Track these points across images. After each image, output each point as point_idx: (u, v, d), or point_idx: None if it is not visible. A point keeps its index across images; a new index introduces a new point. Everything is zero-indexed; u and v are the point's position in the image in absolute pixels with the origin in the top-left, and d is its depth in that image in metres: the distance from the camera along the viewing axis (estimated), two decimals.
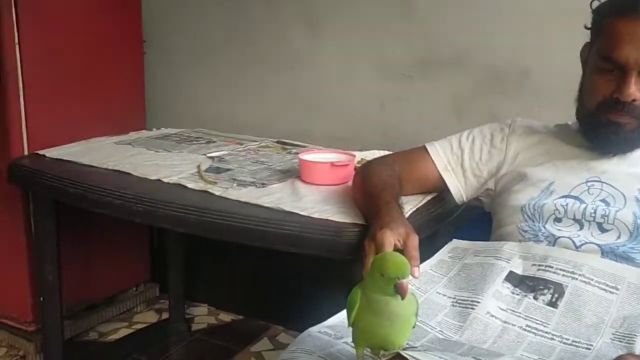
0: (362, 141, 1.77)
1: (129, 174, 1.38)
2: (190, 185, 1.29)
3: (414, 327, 0.73)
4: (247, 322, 2.02)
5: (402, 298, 0.68)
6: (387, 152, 1.44)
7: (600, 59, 0.97)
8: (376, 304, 0.68)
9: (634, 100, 0.94)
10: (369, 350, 0.73)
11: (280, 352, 1.62)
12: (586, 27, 1.03)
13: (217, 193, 1.25)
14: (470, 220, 1.27)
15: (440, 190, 1.22)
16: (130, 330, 1.96)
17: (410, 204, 1.18)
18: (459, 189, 1.18)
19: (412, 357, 0.67)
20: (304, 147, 1.69)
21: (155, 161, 1.48)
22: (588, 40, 1.05)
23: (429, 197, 1.23)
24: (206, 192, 1.26)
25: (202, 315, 2.07)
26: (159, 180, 1.33)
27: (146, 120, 2.03)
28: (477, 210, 1.24)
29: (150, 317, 2.05)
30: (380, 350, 0.72)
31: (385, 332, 0.70)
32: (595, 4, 1.02)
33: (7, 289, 1.75)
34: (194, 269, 2.03)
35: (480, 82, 1.60)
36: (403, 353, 0.68)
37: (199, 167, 1.42)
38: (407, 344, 0.77)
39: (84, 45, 1.78)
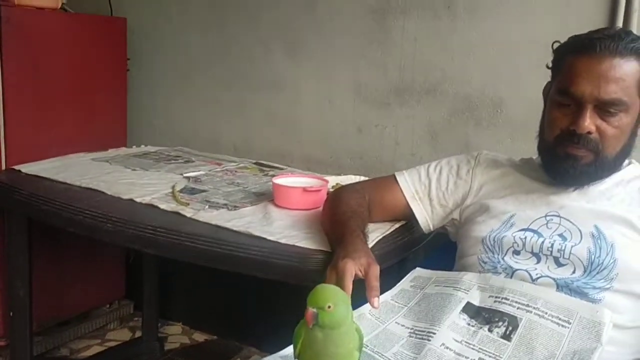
0: (339, 164, 1.80)
1: (102, 192, 1.38)
2: (162, 206, 1.30)
3: None
4: (221, 342, 2.02)
5: (308, 325, 0.69)
6: (362, 177, 1.46)
7: (559, 93, 1.01)
8: (314, 338, 0.69)
9: (589, 132, 0.97)
10: None
11: None
12: (547, 67, 1.07)
13: (188, 215, 1.26)
14: (437, 249, 1.29)
15: (408, 219, 1.23)
16: (102, 348, 1.95)
17: (378, 232, 1.20)
18: (425, 218, 1.20)
19: None
20: (282, 169, 1.71)
21: (131, 179, 1.49)
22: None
23: (397, 225, 1.24)
24: (178, 213, 1.27)
25: (176, 335, 2.06)
26: (131, 200, 1.34)
27: (127, 138, 2.05)
28: (445, 239, 1.26)
29: (124, 335, 2.04)
30: None
31: None
32: (556, 45, 1.05)
33: None
34: (169, 288, 2.03)
35: (455, 111, 1.63)
36: None
37: (173, 187, 1.43)
38: None
39: (68, 62, 1.80)
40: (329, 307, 0.68)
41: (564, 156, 1.01)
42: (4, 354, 1.73)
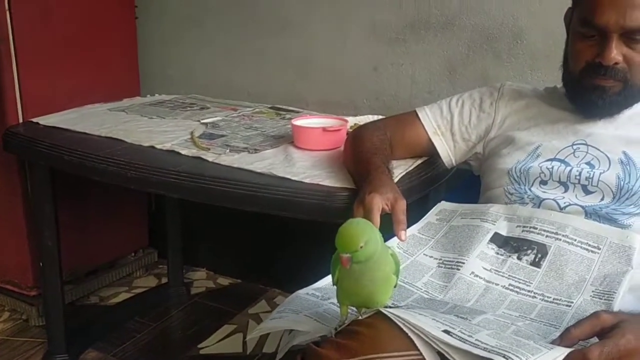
0: (355, 105, 1.78)
1: (122, 140, 1.38)
2: (183, 152, 1.30)
3: (395, 286, 0.75)
4: (245, 285, 2.06)
5: (345, 267, 0.69)
6: (380, 117, 1.45)
7: (581, 24, 0.97)
8: (351, 270, 0.70)
9: (616, 63, 0.94)
10: (353, 308, 0.76)
11: None
12: None
13: (210, 159, 1.26)
14: (460, 184, 1.29)
15: (431, 154, 1.23)
16: (130, 295, 2.00)
17: (401, 168, 1.20)
18: (448, 152, 1.19)
19: (391, 313, 0.70)
20: (298, 112, 1.69)
21: (149, 128, 1.49)
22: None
23: (419, 161, 1.24)
24: (199, 158, 1.27)
25: (200, 280, 2.11)
26: (152, 146, 1.34)
27: (140, 87, 2.03)
28: (468, 174, 1.25)
29: (150, 282, 2.09)
30: (363, 308, 0.75)
31: (366, 291, 0.72)
32: None
33: (8, 256, 1.78)
34: (192, 235, 2.06)
35: (473, 44, 1.59)
36: (383, 310, 0.70)
37: (192, 133, 1.43)
38: (393, 303, 0.80)
39: (76, 11, 1.77)
40: (361, 247, 0.69)
41: (591, 87, 0.98)
42: (35, 303, 1.78)
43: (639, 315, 0.72)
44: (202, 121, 1.55)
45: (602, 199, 0.95)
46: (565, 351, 0.65)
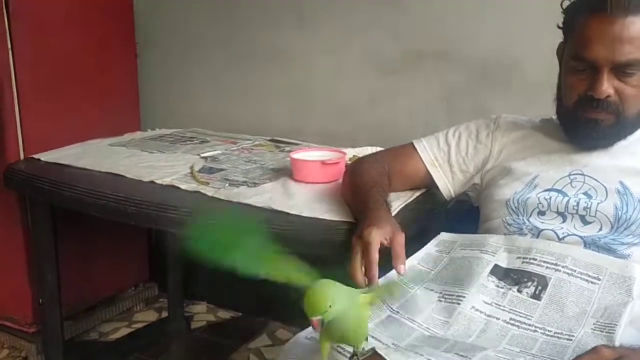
0: (354, 137, 1.79)
1: (123, 176, 1.39)
2: (183, 187, 1.31)
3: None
4: (246, 318, 2.04)
5: (317, 331, 0.71)
6: (378, 148, 1.46)
7: (573, 58, 0.99)
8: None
9: (608, 96, 0.96)
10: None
11: (279, 347, 1.64)
12: (559, 27, 1.05)
13: (209, 193, 1.27)
14: (459, 215, 1.29)
15: (429, 186, 1.23)
16: (130, 330, 1.98)
17: (400, 200, 1.20)
18: (446, 184, 1.20)
19: (388, 356, 0.70)
20: (297, 144, 1.71)
21: (149, 162, 1.50)
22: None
23: (418, 193, 1.25)
24: (199, 192, 1.28)
25: (201, 313, 2.09)
26: (152, 182, 1.35)
27: (141, 121, 2.05)
28: (466, 205, 1.25)
29: (150, 316, 2.07)
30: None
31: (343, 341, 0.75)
32: (566, 4, 1.03)
33: (7, 292, 1.77)
34: (192, 268, 2.05)
35: (469, 76, 1.61)
36: (379, 351, 0.70)
37: (192, 167, 1.44)
38: (393, 343, 0.80)
39: (77, 47, 1.79)
40: (330, 306, 0.70)
41: (585, 120, 0.99)
42: (35, 340, 1.76)
43: (638, 350, 0.71)
44: (202, 155, 1.57)
45: (600, 229, 0.95)
46: None
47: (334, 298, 0.72)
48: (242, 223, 0.82)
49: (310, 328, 0.90)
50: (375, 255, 0.90)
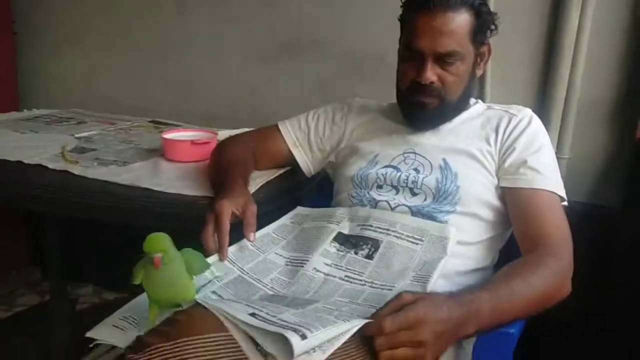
0: (235, 121, 1.85)
1: None
2: (50, 166, 1.31)
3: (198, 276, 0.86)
4: (130, 299, 2.05)
5: (158, 268, 0.78)
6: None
7: (405, 48, 1.12)
8: (147, 275, 0.79)
9: (432, 82, 1.09)
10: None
11: None
12: (398, 19, 1.16)
13: (76, 172, 1.28)
14: (319, 191, 1.39)
15: (292, 165, 1.32)
16: (10, 313, 1.95)
17: (263, 177, 1.28)
18: (306, 162, 1.29)
19: (206, 302, 0.78)
20: (178, 126, 1.74)
21: (20, 143, 1.48)
22: None
23: (281, 171, 1.33)
24: (66, 171, 1.29)
25: (87, 296, 2.09)
26: (19, 161, 1.34)
27: (20, 102, 2.00)
28: (326, 182, 1.36)
29: (33, 300, 2.04)
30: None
31: (171, 294, 0.81)
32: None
33: None
34: (77, 250, 2.04)
35: (341, 66, 1.72)
36: (199, 300, 0.78)
37: (63, 147, 1.44)
38: (233, 301, 0.87)
39: None
40: (167, 250, 0.78)
41: (414, 103, 1.12)
42: None
43: (436, 295, 0.83)
44: (77, 135, 1.57)
45: (425, 200, 1.08)
46: (362, 322, 0.75)
47: (169, 246, 0.79)
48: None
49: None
50: (225, 224, 0.97)
